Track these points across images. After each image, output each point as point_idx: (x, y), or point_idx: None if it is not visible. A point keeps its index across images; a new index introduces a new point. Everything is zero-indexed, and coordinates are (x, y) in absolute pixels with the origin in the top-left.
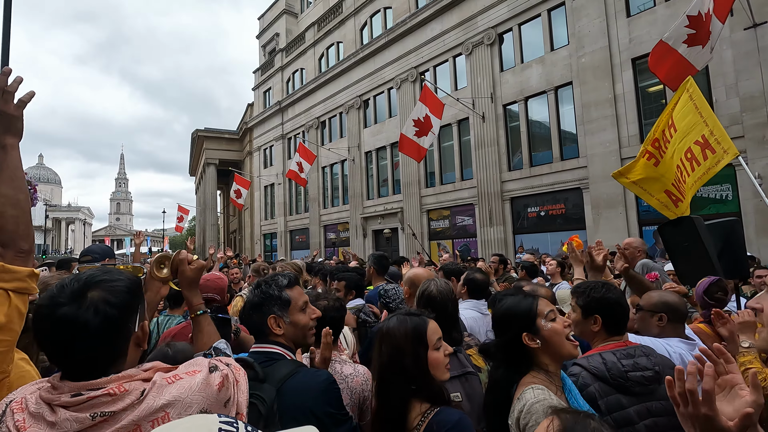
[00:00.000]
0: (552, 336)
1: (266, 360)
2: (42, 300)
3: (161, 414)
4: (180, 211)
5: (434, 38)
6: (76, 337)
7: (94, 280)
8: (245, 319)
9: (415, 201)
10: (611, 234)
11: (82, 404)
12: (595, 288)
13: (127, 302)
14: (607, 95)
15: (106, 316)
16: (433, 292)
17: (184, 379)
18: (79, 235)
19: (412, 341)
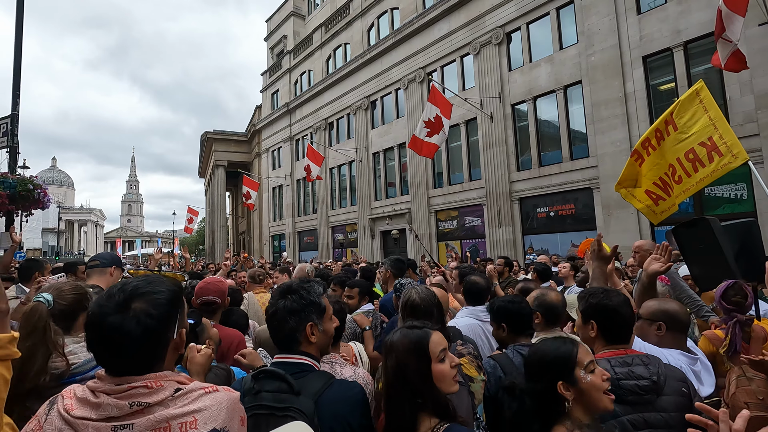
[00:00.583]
0: (590, 389)
1: (298, 372)
2: (92, 308)
3: (190, 418)
4: (190, 213)
5: (442, 38)
6: (119, 343)
7: (138, 292)
8: (276, 325)
9: (423, 202)
10: (622, 235)
11: (123, 393)
12: (594, 294)
13: (166, 314)
14: (617, 94)
15: (146, 327)
16: (416, 300)
17: (220, 392)
18: (92, 236)
19: (414, 354)
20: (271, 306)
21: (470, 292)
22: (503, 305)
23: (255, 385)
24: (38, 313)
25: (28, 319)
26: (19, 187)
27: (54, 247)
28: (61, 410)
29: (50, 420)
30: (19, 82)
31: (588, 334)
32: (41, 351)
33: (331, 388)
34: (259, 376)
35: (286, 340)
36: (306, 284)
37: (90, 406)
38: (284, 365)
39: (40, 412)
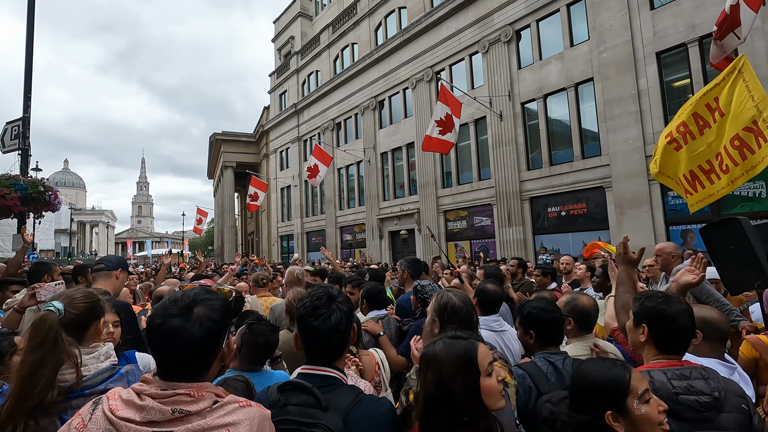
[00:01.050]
0: (643, 422)
1: (325, 385)
2: (156, 311)
3: (224, 431)
4: (199, 214)
5: (450, 37)
6: (182, 346)
7: (199, 299)
8: (325, 341)
9: (432, 202)
10: (636, 234)
11: (168, 398)
12: (651, 297)
13: (223, 320)
14: (630, 91)
15: (208, 330)
16: (457, 304)
17: (253, 407)
18: (103, 237)
19: (462, 367)
20: (319, 318)
21: (482, 300)
22: (534, 313)
23: (281, 398)
24: (48, 323)
25: (37, 330)
26: (31, 189)
27: (66, 248)
28: (106, 410)
29: (95, 419)
30: (30, 85)
31: (638, 337)
32: (50, 364)
33: (360, 405)
34: (286, 388)
35: (327, 354)
36: (344, 297)
37: (135, 408)
38: (311, 377)
39: (83, 411)
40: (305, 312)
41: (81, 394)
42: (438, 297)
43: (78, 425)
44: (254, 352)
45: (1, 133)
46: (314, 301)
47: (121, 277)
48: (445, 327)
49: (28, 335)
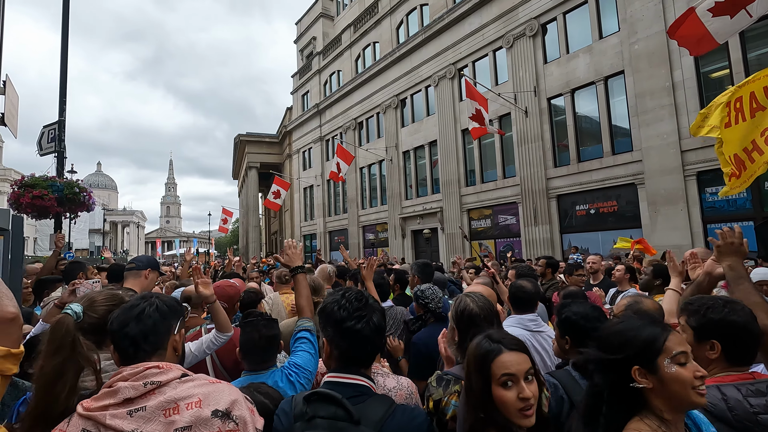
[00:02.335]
0: (672, 381)
1: (355, 395)
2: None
3: (195, 399)
4: (224, 214)
5: (473, 33)
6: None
7: (155, 293)
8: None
9: (455, 200)
10: (670, 233)
11: (139, 374)
12: (713, 307)
13: (174, 307)
14: (664, 83)
15: (158, 310)
16: (474, 310)
17: (223, 384)
18: (133, 237)
19: (474, 366)
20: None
21: (517, 298)
22: (574, 320)
23: (308, 410)
24: (64, 327)
25: (53, 334)
26: (67, 190)
27: (99, 247)
28: (79, 411)
29: (73, 423)
30: (65, 89)
31: (705, 355)
32: (72, 369)
33: (394, 417)
34: (312, 399)
35: (366, 362)
36: (372, 299)
37: (108, 395)
38: (339, 386)
39: (61, 424)
40: (345, 314)
41: None
42: (456, 303)
43: None
44: (253, 350)
45: (39, 136)
46: (352, 302)
47: (150, 276)
48: (464, 334)
49: (46, 340)
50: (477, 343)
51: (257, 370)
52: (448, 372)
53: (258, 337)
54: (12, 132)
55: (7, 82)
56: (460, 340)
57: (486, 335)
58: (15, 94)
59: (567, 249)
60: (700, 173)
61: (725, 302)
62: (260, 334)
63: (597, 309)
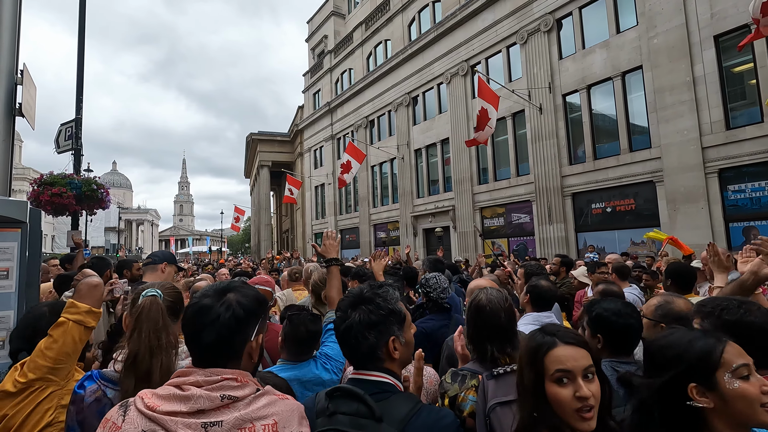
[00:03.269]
0: (737, 399)
1: (378, 392)
2: (193, 297)
3: (270, 421)
4: (236, 212)
5: (486, 29)
6: (210, 322)
7: (233, 285)
8: (353, 343)
9: (468, 198)
10: (690, 232)
11: (215, 384)
12: (728, 308)
13: (253, 309)
14: (684, 78)
15: (235, 314)
16: (482, 301)
17: (290, 400)
18: (148, 235)
19: (526, 359)
20: (341, 320)
21: (535, 296)
22: (606, 316)
23: (330, 405)
24: (160, 307)
25: (151, 313)
26: (84, 187)
27: (115, 245)
28: (142, 409)
29: (130, 419)
30: (82, 87)
31: None
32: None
33: (419, 416)
34: (335, 395)
35: (366, 358)
36: (380, 290)
37: (178, 400)
38: (362, 383)
39: (112, 414)
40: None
41: None
42: (472, 294)
43: (110, 428)
44: (297, 343)
45: (56, 134)
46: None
47: (167, 270)
48: (470, 326)
49: (145, 318)
50: (530, 335)
51: (295, 360)
52: (463, 368)
53: (305, 330)
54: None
55: (25, 72)
56: (473, 335)
57: (541, 327)
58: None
59: (582, 248)
60: (722, 170)
61: (740, 303)
62: (306, 329)
63: (630, 306)
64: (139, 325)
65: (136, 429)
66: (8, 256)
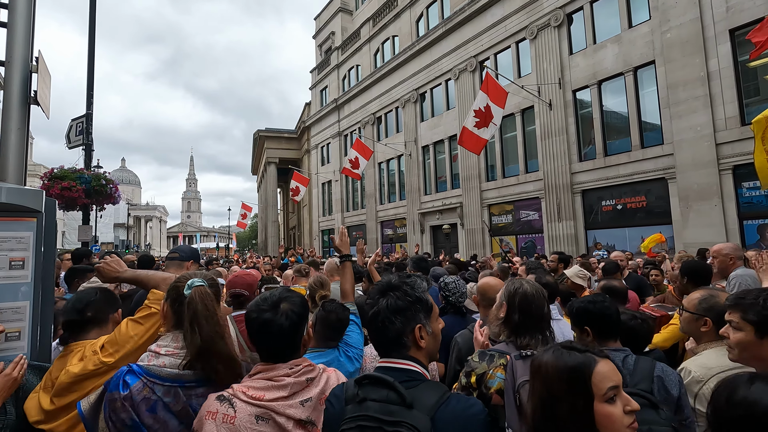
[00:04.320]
0: (608, 425)
1: (407, 380)
2: (250, 307)
3: (329, 390)
4: (244, 209)
5: (495, 24)
6: (275, 332)
7: (283, 296)
8: (379, 327)
9: (475, 195)
10: (703, 230)
11: (299, 372)
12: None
13: (303, 313)
14: (698, 73)
15: (292, 321)
16: (528, 290)
17: (336, 372)
18: (156, 231)
19: (568, 385)
20: (370, 307)
21: None
22: (583, 306)
23: (359, 392)
24: (209, 295)
25: (205, 300)
26: (94, 182)
27: (124, 241)
28: (248, 400)
29: (240, 409)
30: (92, 83)
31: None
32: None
33: (448, 404)
34: (363, 382)
35: (392, 344)
36: (408, 279)
37: (277, 389)
38: (391, 371)
39: (217, 407)
40: None
41: (202, 384)
42: (509, 283)
43: (224, 419)
44: (328, 328)
45: (67, 130)
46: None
47: (192, 268)
48: (513, 312)
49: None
50: (557, 356)
51: (323, 347)
52: (491, 349)
53: (335, 317)
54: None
55: (40, 60)
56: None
57: (561, 346)
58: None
59: (592, 245)
60: (737, 167)
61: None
62: (337, 316)
63: (600, 295)
64: (196, 317)
65: (250, 416)
66: (24, 245)
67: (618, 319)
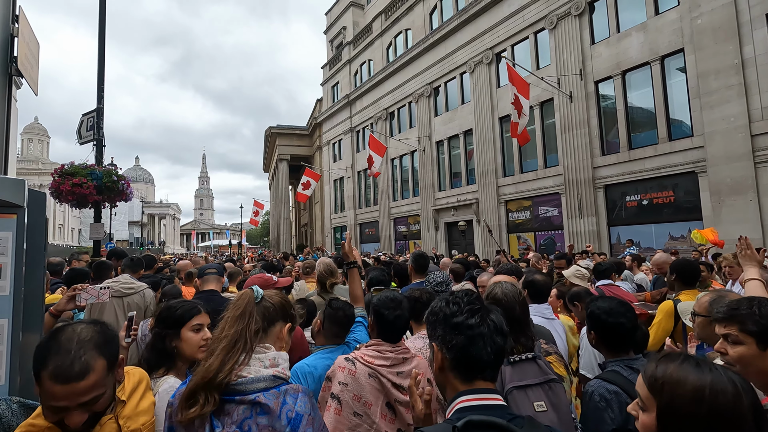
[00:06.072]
0: None
1: (512, 418)
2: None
3: (421, 370)
4: (255, 206)
5: (512, 15)
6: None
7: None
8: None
9: (492, 191)
10: (738, 226)
11: (398, 351)
12: (764, 304)
13: None
14: (732, 60)
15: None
16: (498, 295)
17: (423, 359)
18: (170, 228)
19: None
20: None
21: (533, 290)
22: (598, 314)
23: None
24: (248, 298)
25: (238, 301)
26: (105, 178)
27: (138, 238)
28: (364, 363)
29: (360, 368)
30: (103, 77)
31: None
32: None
33: None
34: (469, 428)
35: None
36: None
37: (383, 359)
38: (490, 411)
39: (344, 363)
40: (456, 309)
41: (232, 399)
42: (488, 287)
43: (349, 372)
44: (336, 325)
45: (78, 125)
46: (463, 298)
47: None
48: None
49: (230, 306)
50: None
51: (332, 343)
52: None
53: (343, 315)
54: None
55: (22, 21)
56: None
57: (684, 358)
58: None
59: (615, 242)
60: None
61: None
62: (344, 313)
63: (624, 305)
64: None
65: (364, 372)
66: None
67: (631, 333)
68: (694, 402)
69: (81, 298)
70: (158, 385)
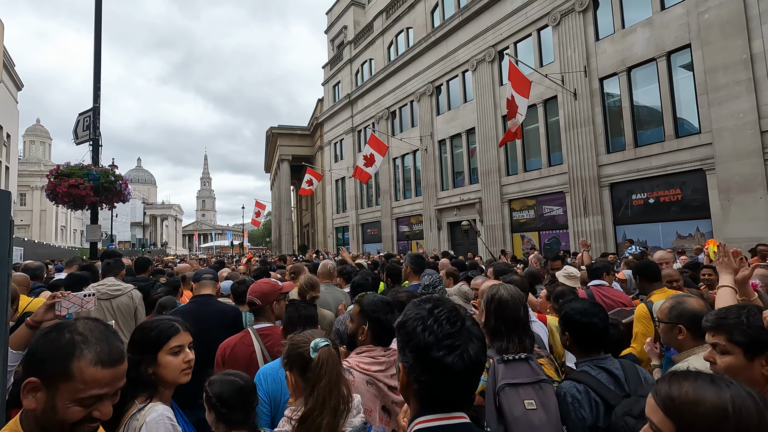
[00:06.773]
0: None
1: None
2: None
3: None
4: (257, 207)
5: (515, 12)
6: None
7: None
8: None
9: (495, 190)
10: (746, 224)
11: (390, 354)
12: (751, 314)
13: None
14: (740, 56)
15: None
16: (504, 296)
17: None
18: (171, 229)
19: None
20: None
21: None
22: (571, 315)
23: None
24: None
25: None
26: (103, 178)
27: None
28: (360, 370)
29: (358, 376)
30: (99, 76)
31: (763, 373)
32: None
33: None
34: None
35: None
36: None
37: (377, 364)
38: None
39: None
40: (432, 340)
41: None
42: (489, 289)
43: (350, 382)
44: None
45: (74, 124)
46: (442, 324)
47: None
48: (490, 318)
49: (326, 373)
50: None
51: None
52: None
53: (298, 316)
54: None
55: None
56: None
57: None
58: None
59: (621, 241)
60: None
61: (748, 307)
62: (299, 314)
63: (597, 306)
64: (318, 382)
65: (362, 380)
66: None
67: (604, 334)
68: (718, 421)
69: (61, 307)
70: (144, 414)
